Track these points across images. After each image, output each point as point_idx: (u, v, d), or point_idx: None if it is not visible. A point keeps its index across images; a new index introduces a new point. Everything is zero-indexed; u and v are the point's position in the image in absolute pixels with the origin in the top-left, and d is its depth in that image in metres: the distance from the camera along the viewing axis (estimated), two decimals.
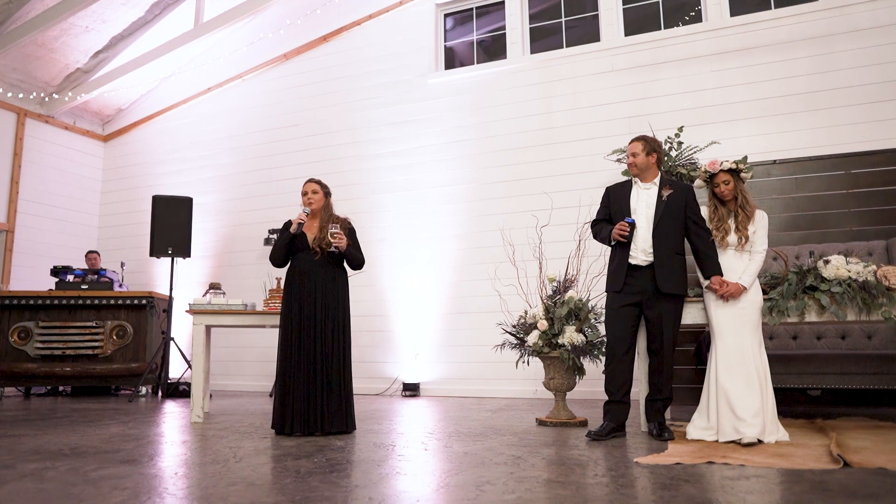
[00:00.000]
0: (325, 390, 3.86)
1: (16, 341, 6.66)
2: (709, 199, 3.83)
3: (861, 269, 3.61)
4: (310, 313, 3.94)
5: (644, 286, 3.66)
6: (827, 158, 5.31)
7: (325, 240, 4.00)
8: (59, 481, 2.49)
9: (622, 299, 3.71)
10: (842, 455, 2.85)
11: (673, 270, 3.65)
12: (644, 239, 3.69)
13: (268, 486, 2.41)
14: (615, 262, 3.78)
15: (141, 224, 8.50)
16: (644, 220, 3.72)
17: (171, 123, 9.24)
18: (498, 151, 7.29)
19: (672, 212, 3.70)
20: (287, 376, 3.88)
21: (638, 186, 3.84)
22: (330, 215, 4.12)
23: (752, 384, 3.41)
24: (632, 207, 3.77)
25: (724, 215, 3.73)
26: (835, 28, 6.25)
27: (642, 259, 3.68)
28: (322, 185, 4.20)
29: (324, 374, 3.88)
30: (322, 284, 3.98)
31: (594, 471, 2.70)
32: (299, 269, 4.04)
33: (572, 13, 7.53)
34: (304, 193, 4.15)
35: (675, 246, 3.69)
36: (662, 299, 3.65)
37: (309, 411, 3.81)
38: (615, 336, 3.74)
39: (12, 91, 8.30)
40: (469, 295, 7.04)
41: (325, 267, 4.02)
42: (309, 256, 4.03)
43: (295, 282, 4.02)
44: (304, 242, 4.06)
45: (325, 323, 3.95)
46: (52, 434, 3.87)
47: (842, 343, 4.73)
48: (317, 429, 3.82)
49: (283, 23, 8.43)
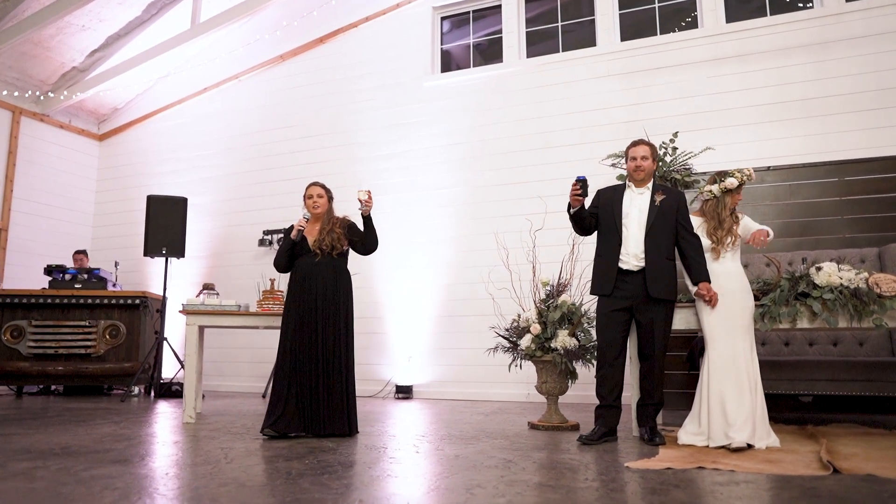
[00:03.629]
0: (327, 392, 3.83)
1: (8, 340, 6.63)
2: (715, 207, 3.81)
3: (853, 276, 3.63)
4: (311, 316, 3.92)
5: (634, 291, 3.66)
6: (821, 165, 5.33)
7: (326, 241, 3.99)
8: (49, 481, 2.48)
9: (612, 304, 3.71)
10: (831, 461, 2.86)
11: (663, 276, 3.65)
12: (636, 243, 3.69)
13: (258, 487, 2.41)
14: (604, 266, 3.76)
15: (135, 224, 8.48)
16: (636, 224, 3.72)
17: (166, 123, 9.23)
18: (493, 155, 7.30)
19: (665, 217, 3.70)
20: (285, 378, 3.85)
21: (632, 191, 3.83)
22: (331, 218, 4.11)
23: (743, 389, 3.42)
24: (624, 211, 3.77)
25: (731, 225, 3.74)
26: (830, 35, 6.29)
27: (633, 264, 3.68)
28: (327, 189, 4.19)
29: (325, 377, 3.85)
30: (323, 287, 3.96)
31: (585, 475, 2.71)
32: (301, 272, 4.03)
33: (569, 18, 7.55)
34: (310, 197, 4.12)
35: (667, 251, 3.69)
36: (653, 304, 3.65)
37: (311, 413, 3.79)
38: (606, 341, 3.74)
39: (8, 89, 8.28)
40: (463, 298, 7.04)
41: (326, 269, 4.00)
42: (310, 259, 4.01)
43: (296, 285, 4.01)
44: (305, 246, 4.05)
45: (327, 325, 3.92)
46: (43, 433, 3.85)
47: (833, 350, 4.75)
48: (319, 431, 3.78)
49: (280, 24, 8.44)
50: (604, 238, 3.84)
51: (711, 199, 3.82)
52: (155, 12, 8.32)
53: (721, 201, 3.79)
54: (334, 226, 4.07)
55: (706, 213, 3.83)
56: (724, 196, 3.79)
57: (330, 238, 4.01)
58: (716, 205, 3.80)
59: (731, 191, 3.79)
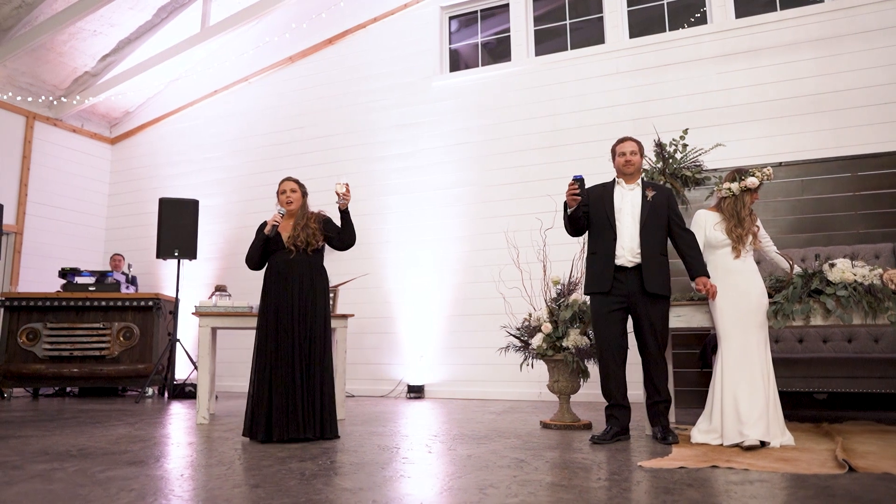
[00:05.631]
0: (305, 394, 3.70)
1: (24, 342, 6.71)
2: (733, 204, 3.76)
3: (867, 272, 3.59)
4: (287, 314, 3.79)
5: (631, 288, 3.65)
6: (833, 160, 5.28)
7: (301, 237, 3.89)
8: (67, 482, 2.51)
9: (610, 303, 3.68)
10: (847, 460, 2.84)
11: (659, 271, 3.65)
12: (631, 239, 3.67)
13: (272, 488, 2.42)
14: (600, 263, 3.72)
15: (147, 226, 8.55)
16: (630, 220, 3.71)
17: (177, 126, 9.29)
18: (502, 154, 7.30)
19: (657, 212, 3.70)
20: (262, 380, 3.74)
21: (622, 187, 3.81)
22: (305, 213, 3.99)
23: (757, 387, 3.40)
24: (616, 207, 3.75)
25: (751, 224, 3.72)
26: (841, 29, 6.24)
27: (629, 260, 3.66)
28: (300, 184, 4.07)
29: (303, 377, 3.73)
30: (299, 284, 3.84)
31: (597, 474, 2.70)
32: (275, 269, 3.91)
33: (577, 15, 7.53)
34: (283, 192, 3.98)
35: (660, 247, 3.69)
36: (649, 300, 3.64)
37: (288, 416, 3.64)
38: (605, 341, 3.72)
39: (21, 94, 8.37)
40: (473, 297, 7.05)
41: (301, 266, 3.87)
42: (284, 255, 3.90)
43: (271, 283, 3.90)
44: (279, 242, 3.93)
45: (303, 324, 3.79)
46: (59, 435, 3.90)
47: (848, 346, 4.71)
48: (297, 434, 3.63)
49: (289, 26, 8.47)
50: (597, 235, 3.80)
51: (730, 196, 3.78)
52: (165, 16, 8.38)
53: (740, 200, 3.76)
54: (309, 221, 3.95)
55: (724, 210, 3.79)
56: (744, 195, 3.76)
57: (305, 234, 3.89)
58: (734, 203, 3.75)
59: (751, 190, 3.76)
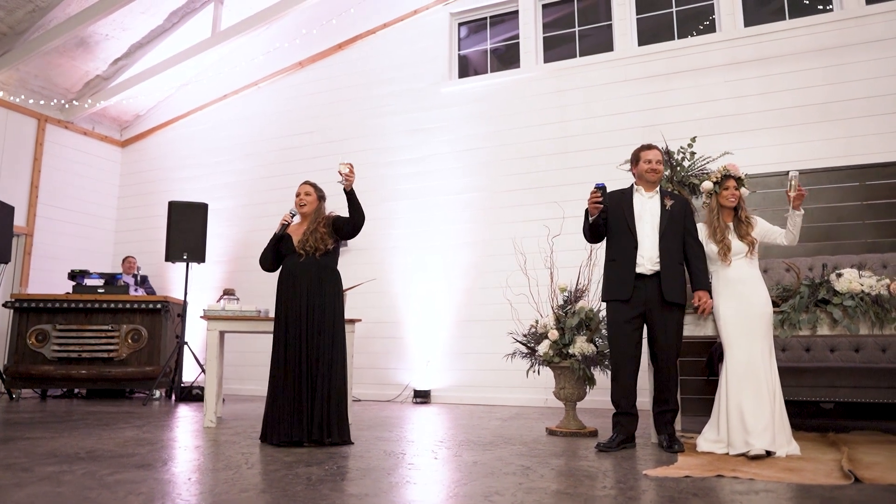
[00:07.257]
0: (311, 397, 3.72)
1: (33, 343, 6.76)
2: (710, 211, 3.80)
3: (874, 282, 3.59)
4: (295, 318, 3.83)
5: (649, 295, 3.66)
6: (842, 170, 5.28)
7: (309, 242, 3.93)
8: (75, 485, 2.53)
9: (628, 311, 3.69)
10: (853, 471, 2.83)
11: (676, 280, 3.67)
12: (651, 247, 3.69)
13: (279, 493, 2.44)
14: (620, 270, 3.73)
15: (157, 229, 8.60)
16: (650, 228, 3.72)
17: (187, 130, 9.36)
18: (511, 160, 7.31)
19: (675, 222, 3.72)
20: (275, 386, 3.79)
21: (641, 195, 3.83)
22: (317, 218, 4.03)
23: (762, 396, 3.40)
24: (636, 215, 3.76)
25: (724, 229, 3.72)
26: (850, 38, 6.23)
27: (648, 268, 3.67)
28: (317, 187, 4.11)
29: (310, 380, 3.75)
30: (308, 286, 3.88)
31: (603, 482, 2.71)
32: (286, 272, 3.98)
33: (586, 22, 7.55)
34: (297, 195, 4.08)
35: (678, 255, 3.71)
36: (666, 308, 3.65)
37: (294, 420, 3.68)
38: (620, 351, 3.72)
39: (34, 98, 8.45)
40: (480, 303, 7.06)
41: (310, 269, 3.91)
42: (295, 259, 3.95)
43: (283, 286, 3.96)
44: (290, 246, 4.01)
45: (312, 326, 3.82)
46: (68, 437, 3.93)
47: (855, 356, 4.70)
48: (303, 438, 3.66)
49: (300, 32, 8.52)
50: (616, 242, 3.80)
51: (706, 205, 3.87)
52: (177, 21, 8.45)
53: (710, 206, 3.81)
54: (318, 225, 3.99)
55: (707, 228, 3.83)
56: (712, 199, 3.81)
57: (313, 238, 3.94)
58: (709, 211, 3.83)
59: (714, 193, 3.79)
